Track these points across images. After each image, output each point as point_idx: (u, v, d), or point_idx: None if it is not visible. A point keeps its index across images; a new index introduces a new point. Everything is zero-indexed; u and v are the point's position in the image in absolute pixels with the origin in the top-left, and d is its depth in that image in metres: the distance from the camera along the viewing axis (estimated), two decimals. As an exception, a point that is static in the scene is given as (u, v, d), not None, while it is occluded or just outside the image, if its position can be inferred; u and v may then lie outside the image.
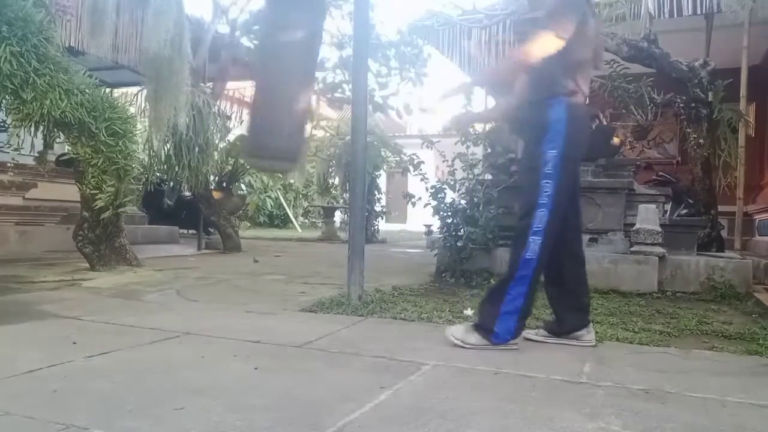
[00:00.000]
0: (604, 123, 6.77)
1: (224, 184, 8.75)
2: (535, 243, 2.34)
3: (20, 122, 4.23)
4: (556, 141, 2.37)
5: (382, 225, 12.01)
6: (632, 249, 4.23)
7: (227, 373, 2.01)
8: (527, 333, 2.56)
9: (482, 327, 2.37)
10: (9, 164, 6.50)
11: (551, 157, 2.36)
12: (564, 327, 2.53)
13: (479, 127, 6.63)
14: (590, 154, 4.78)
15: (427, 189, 4.72)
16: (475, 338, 2.36)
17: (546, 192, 2.35)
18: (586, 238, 4.12)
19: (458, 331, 2.41)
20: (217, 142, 7.38)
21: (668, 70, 5.65)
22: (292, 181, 15.73)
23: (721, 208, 5.96)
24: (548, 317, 2.77)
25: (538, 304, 3.52)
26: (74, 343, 2.35)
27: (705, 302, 3.75)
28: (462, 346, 2.35)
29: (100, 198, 4.57)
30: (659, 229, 4.19)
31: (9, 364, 2.00)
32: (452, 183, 4.81)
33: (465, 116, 3.28)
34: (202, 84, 7.04)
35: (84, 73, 4.51)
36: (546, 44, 2.27)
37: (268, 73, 1.35)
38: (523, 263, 2.35)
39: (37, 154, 6.88)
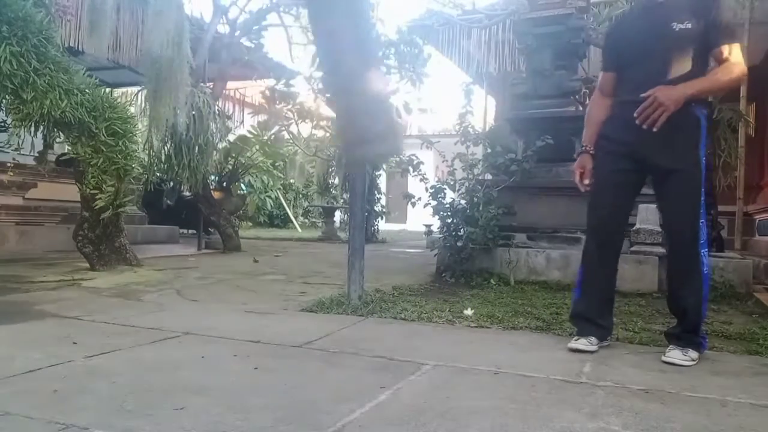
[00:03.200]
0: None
1: (224, 184, 8.76)
2: (705, 256, 2.33)
3: (20, 122, 4.23)
4: (703, 149, 2.30)
5: (382, 225, 12.01)
6: (632, 249, 4.23)
7: (227, 373, 2.01)
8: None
9: (697, 343, 2.32)
10: (9, 164, 6.50)
11: (705, 164, 2.30)
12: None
13: (479, 126, 6.63)
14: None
15: (426, 189, 4.72)
16: (695, 354, 2.29)
17: (702, 201, 2.30)
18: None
19: (678, 355, 2.26)
20: (217, 142, 7.37)
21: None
22: (292, 180, 15.73)
23: (721, 208, 5.96)
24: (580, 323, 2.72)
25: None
26: (74, 343, 2.35)
27: (705, 302, 3.75)
28: (690, 365, 2.23)
29: (100, 198, 4.57)
30: (659, 229, 4.18)
31: (9, 364, 2.00)
32: (452, 183, 4.81)
33: None
34: (202, 84, 7.04)
35: (84, 73, 4.51)
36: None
37: (338, 81, 1.31)
38: (706, 279, 2.34)
39: (37, 154, 6.89)
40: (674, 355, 2.25)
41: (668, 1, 2.36)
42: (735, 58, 2.24)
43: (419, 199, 4.72)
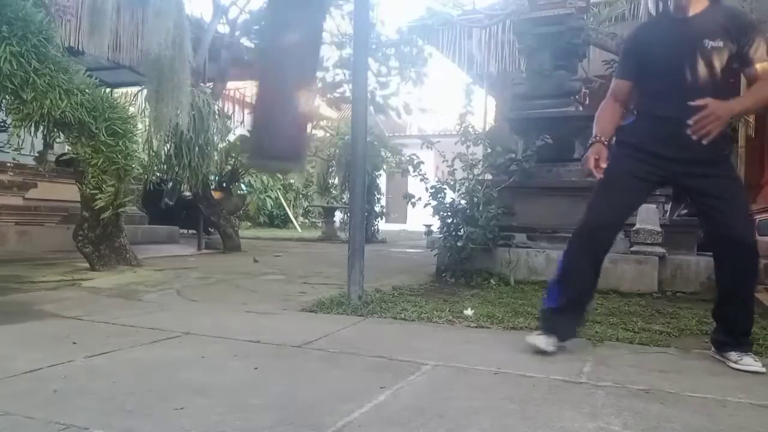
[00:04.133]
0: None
1: (224, 184, 8.76)
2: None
3: (20, 122, 4.23)
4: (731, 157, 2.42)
5: (382, 225, 12.01)
6: (632, 249, 4.23)
7: (227, 373, 2.01)
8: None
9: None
10: (9, 164, 6.50)
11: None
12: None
13: (479, 126, 6.62)
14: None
15: (426, 189, 4.72)
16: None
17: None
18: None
19: (751, 361, 2.22)
20: (217, 142, 7.38)
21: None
22: (292, 181, 15.74)
23: (721, 208, 5.94)
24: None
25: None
26: (74, 343, 2.35)
27: (705, 302, 3.74)
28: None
29: (100, 198, 4.57)
30: (659, 229, 4.19)
31: (9, 364, 2.00)
32: (452, 183, 4.81)
33: None
34: (202, 84, 7.04)
35: (84, 73, 4.51)
36: None
37: (268, 73, 1.33)
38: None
39: (37, 154, 6.88)
40: (749, 362, 2.19)
41: (698, 16, 2.33)
42: (767, 75, 2.28)
43: (419, 199, 4.72)
